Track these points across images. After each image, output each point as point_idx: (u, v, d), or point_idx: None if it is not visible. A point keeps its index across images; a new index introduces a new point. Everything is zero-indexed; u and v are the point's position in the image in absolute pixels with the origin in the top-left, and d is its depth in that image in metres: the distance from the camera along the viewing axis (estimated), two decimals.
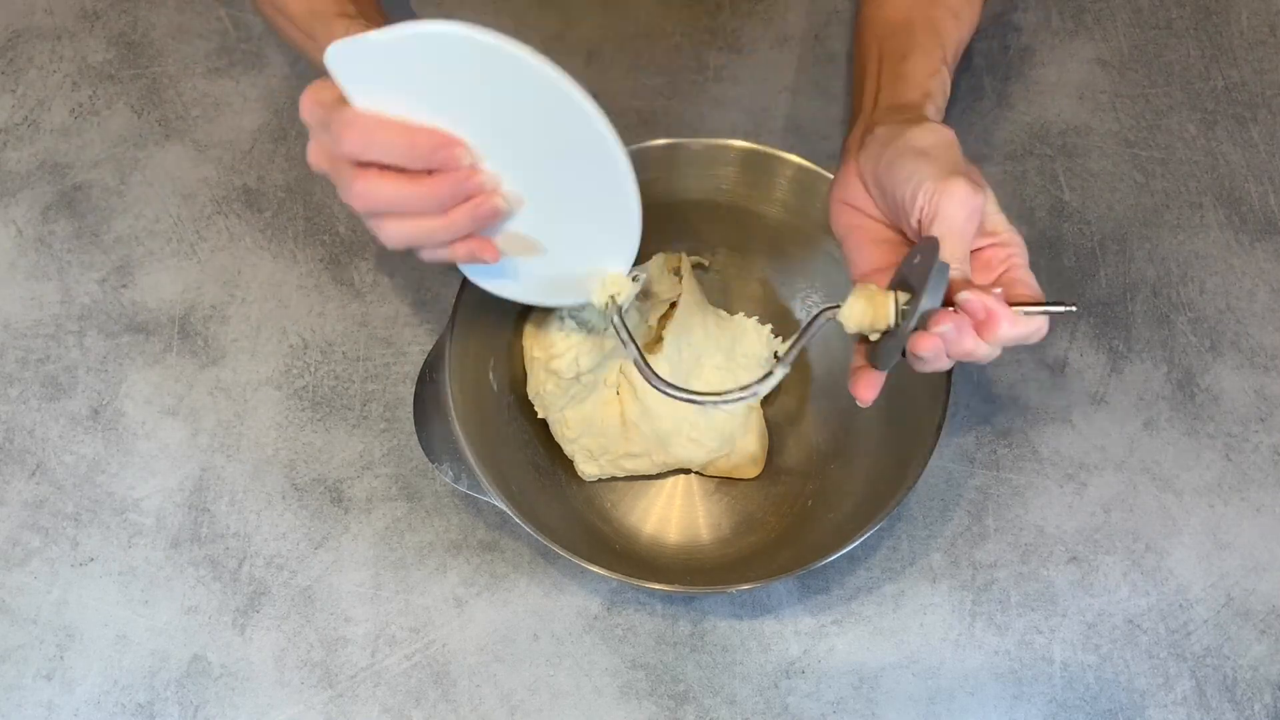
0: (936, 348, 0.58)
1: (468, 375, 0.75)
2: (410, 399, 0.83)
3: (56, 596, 0.78)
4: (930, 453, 0.70)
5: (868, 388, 0.63)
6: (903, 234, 0.65)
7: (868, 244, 0.66)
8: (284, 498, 0.81)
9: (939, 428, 0.71)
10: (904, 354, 0.60)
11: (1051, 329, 0.85)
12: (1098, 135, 0.93)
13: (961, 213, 0.60)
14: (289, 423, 0.83)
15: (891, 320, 0.60)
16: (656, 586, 0.72)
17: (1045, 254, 0.88)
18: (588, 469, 0.80)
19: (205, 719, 0.75)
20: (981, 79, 0.95)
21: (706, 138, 0.79)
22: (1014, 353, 0.85)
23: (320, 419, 0.83)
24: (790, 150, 0.91)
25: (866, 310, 0.61)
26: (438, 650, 0.76)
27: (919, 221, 0.61)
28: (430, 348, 0.85)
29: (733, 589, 0.75)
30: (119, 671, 0.76)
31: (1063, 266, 0.88)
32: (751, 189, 0.80)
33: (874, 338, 0.62)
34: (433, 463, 0.74)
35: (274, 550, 0.79)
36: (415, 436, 0.82)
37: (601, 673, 0.76)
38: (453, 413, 0.72)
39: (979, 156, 0.92)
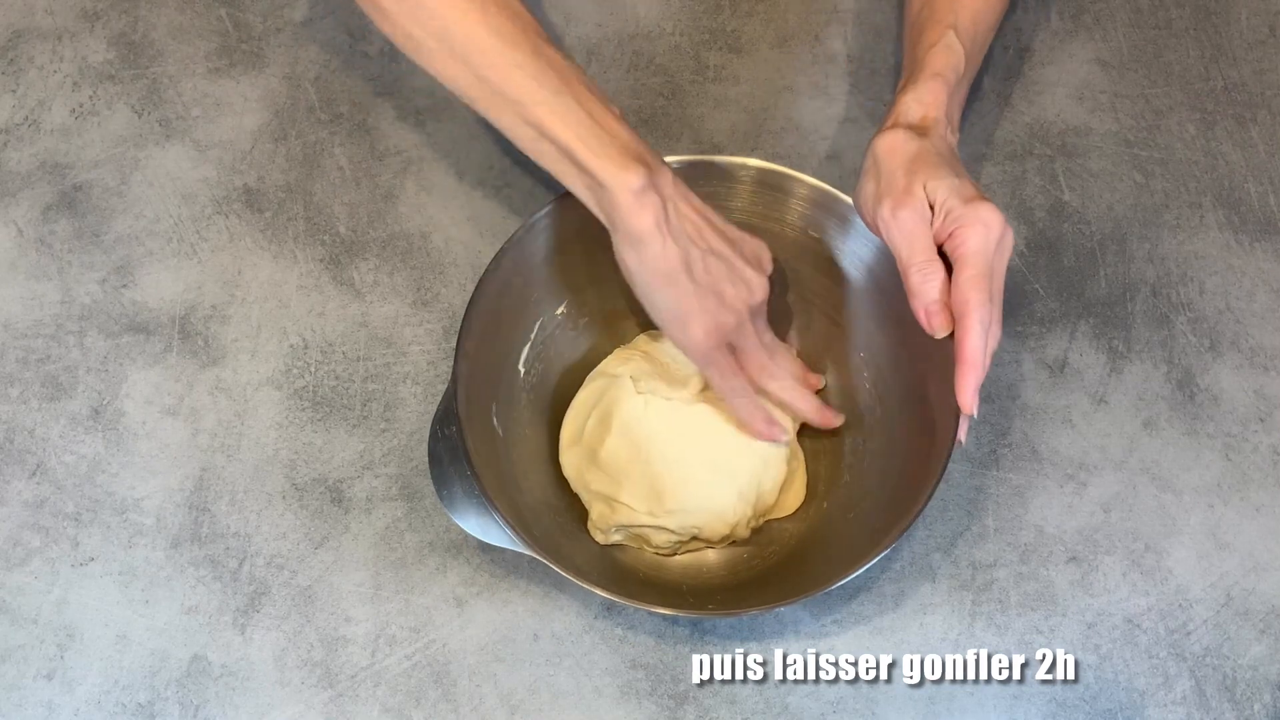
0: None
1: (475, 424, 0.74)
2: (410, 400, 0.83)
3: (57, 596, 0.78)
4: (939, 477, 0.70)
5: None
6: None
7: None
8: (284, 498, 0.81)
9: (948, 452, 0.71)
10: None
11: (1051, 330, 0.86)
12: (1097, 135, 0.93)
13: (895, 238, 0.69)
14: (289, 423, 0.83)
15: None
16: (677, 613, 0.73)
17: (1045, 254, 0.88)
18: (608, 538, 0.79)
19: (205, 719, 0.75)
20: (981, 79, 0.95)
21: (727, 155, 0.79)
22: (1014, 353, 0.85)
23: (320, 419, 0.83)
24: (789, 151, 0.92)
25: None
26: (438, 650, 0.77)
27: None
28: (431, 348, 0.85)
29: (743, 613, 0.76)
30: (119, 671, 0.76)
31: (1062, 266, 0.88)
32: (766, 208, 0.80)
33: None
34: (456, 519, 0.73)
35: (274, 550, 0.79)
36: (414, 437, 0.82)
37: (601, 673, 0.76)
38: (474, 470, 0.71)
39: (979, 156, 0.92)
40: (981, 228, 0.67)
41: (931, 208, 0.68)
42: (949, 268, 0.68)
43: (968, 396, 0.67)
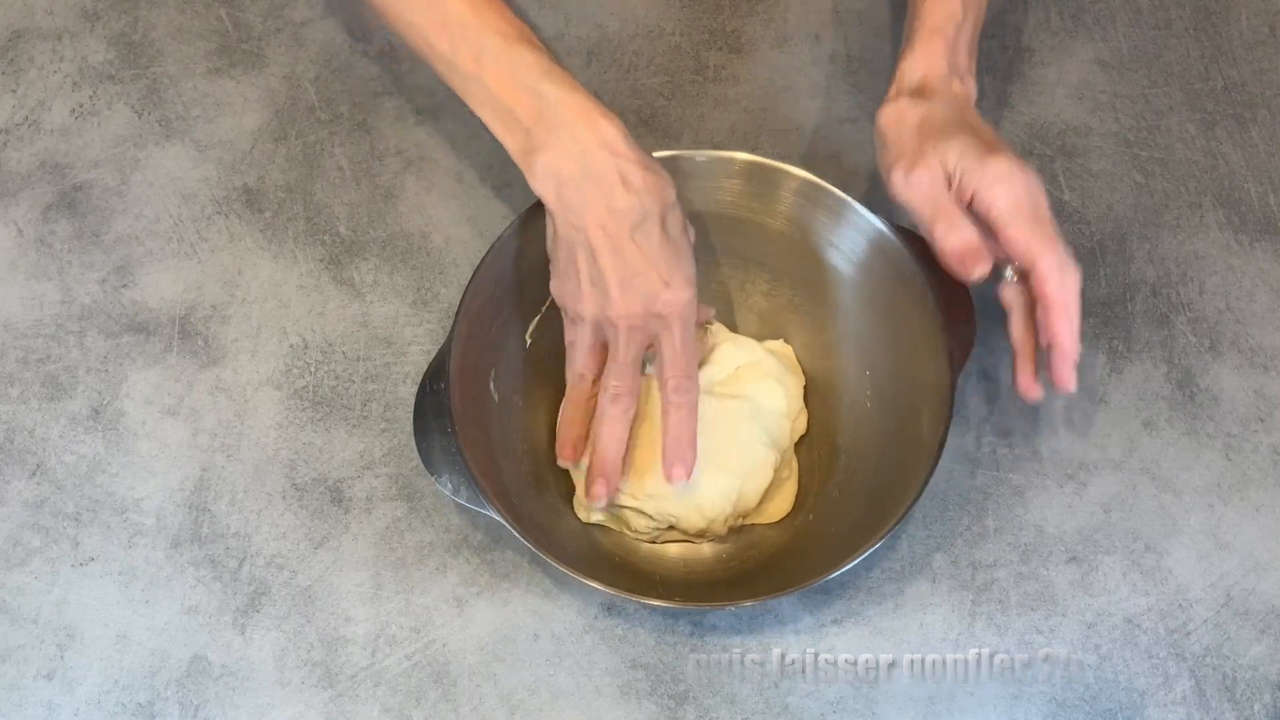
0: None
1: (469, 385, 0.74)
2: (410, 400, 0.83)
3: (57, 596, 0.78)
4: (931, 471, 0.71)
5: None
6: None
7: None
8: (284, 498, 0.81)
9: (939, 447, 0.71)
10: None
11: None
12: (1097, 135, 0.93)
13: (914, 200, 0.67)
14: (289, 423, 0.83)
15: None
16: (658, 603, 0.73)
17: None
18: (591, 515, 0.79)
19: (205, 719, 0.75)
20: (981, 79, 0.94)
21: (711, 149, 0.79)
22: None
23: (320, 419, 0.83)
24: (790, 151, 0.92)
25: None
26: (438, 650, 0.77)
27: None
28: (431, 349, 0.85)
29: (733, 605, 0.76)
30: (119, 671, 0.76)
31: None
32: (755, 201, 0.80)
33: None
34: (432, 475, 0.73)
35: (274, 550, 0.79)
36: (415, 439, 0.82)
37: (601, 673, 0.76)
38: (454, 426, 0.72)
39: None
40: (1004, 185, 0.63)
41: (947, 177, 0.66)
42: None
43: (1067, 371, 0.65)
